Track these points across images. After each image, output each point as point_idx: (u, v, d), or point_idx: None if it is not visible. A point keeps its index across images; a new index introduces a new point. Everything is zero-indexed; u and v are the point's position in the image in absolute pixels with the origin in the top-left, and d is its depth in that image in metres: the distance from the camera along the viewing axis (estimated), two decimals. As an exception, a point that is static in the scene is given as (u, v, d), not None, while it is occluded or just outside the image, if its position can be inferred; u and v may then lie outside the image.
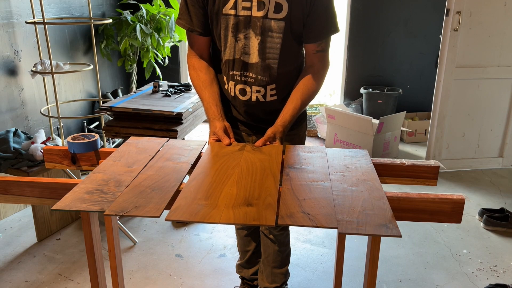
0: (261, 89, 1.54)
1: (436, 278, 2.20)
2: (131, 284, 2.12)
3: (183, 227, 2.63)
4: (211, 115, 1.52)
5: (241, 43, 1.47)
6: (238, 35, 1.47)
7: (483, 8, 3.12)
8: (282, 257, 1.86)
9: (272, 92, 1.55)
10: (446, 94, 3.27)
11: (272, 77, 1.52)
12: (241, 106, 1.59)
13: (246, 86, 1.54)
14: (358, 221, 1.00)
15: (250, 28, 1.45)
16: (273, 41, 1.46)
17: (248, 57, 1.49)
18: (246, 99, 1.56)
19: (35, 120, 3.06)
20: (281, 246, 1.83)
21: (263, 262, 1.90)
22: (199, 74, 1.57)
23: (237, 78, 1.54)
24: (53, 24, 3.15)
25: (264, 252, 1.88)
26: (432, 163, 1.37)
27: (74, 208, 1.02)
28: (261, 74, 1.51)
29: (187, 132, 2.49)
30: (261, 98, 1.55)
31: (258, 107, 1.58)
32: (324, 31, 1.49)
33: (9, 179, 1.25)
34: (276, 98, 1.57)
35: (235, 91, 1.57)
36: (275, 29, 1.44)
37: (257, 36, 1.46)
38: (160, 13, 3.70)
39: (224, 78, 1.59)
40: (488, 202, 2.97)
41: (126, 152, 1.40)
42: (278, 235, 1.81)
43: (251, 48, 1.47)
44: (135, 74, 4.04)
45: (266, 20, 1.43)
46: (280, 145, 1.45)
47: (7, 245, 2.45)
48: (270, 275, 1.89)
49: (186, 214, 1.01)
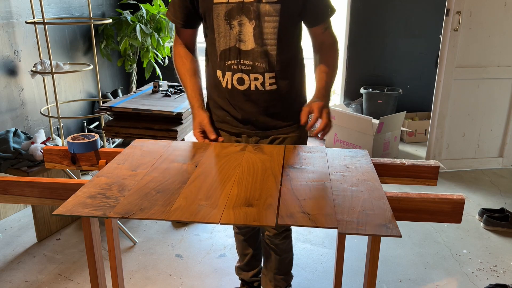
0: (259, 76, 1.49)
1: (436, 278, 2.20)
2: (131, 284, 2.12)
3: (183, 227, 2.63)
4: (195, 102, 1.57)
5: (235, 30, 1.45)
6: (232, 22, 1.44)
7: (483, 8, 3.12)
8: (284, 264, 1.84)
9: (271, 80, 1.51)
10: (446, 94, 3.27)
11: (270, 65, 1.48)
12: (240, 98, 1.54)
13: (243, 75, 1.49)
14: (358, 221, 1.00)
15: (244, 14, 1.42)
16: (270, 26, 1.43)
17: (244, 44, 1.46)
18: (244, 89, 1.51)
19: (35, 120, 3.06)
20: (282, 254, 1.81)
21: (265, 267, 1.88)
22: (184, 62, 1.60)
23: (233, 67, 1.49)
24: (53, 24, 3.15)
25: (266, 259, 1.86)
26: (432, 163, 1.37)
27: (76, 214, 1.01)
28: (258, 60, 1.47)
29: (187, 132, 2.49)
30: (260, 86, 1.50)
31: (258, 96, 1.53)
32: (328, 10, 1.52)
33: (9, 179, 1.25)
34: (276, 88, 1.53)
35: (232, 82, 1.51)
36: (271, 12, 1.41)
37: (252, 21, 1.43)
38: (160, 13, 3.70)
39: (219, 74, 1.54)
40: (488, 202, 2.97)
41: (131, 155, 1.39)
42: (280, 244, 1.78)
43: (246, 34, 1.44)
44: (135, 74, 4.04)
45: (260, 4, 1.40)
46: (281, 145, 1.45)
47: (7, 245, 2.44)
48: (273, 280, 1.87)
49: (186, 214, 1.01)
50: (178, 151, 1.42)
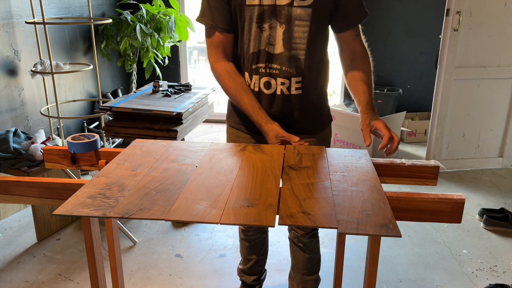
0: (285, 81, 1.48)
1: (436, 278, 2.20)
2: (131, 284, 2.12)
3: (183, 227, 2.63)
4: (261, 119, 1.46)
5: (266, 34, 1.43)
6: (263, 26, 1.42)
7: (483, 8, 3.12)
8: (312, 264, 1.81)
9: (297, 85, 1.49)
10: (446, 94, 3.27)
11: (298, 69, 1.46)
12: (266, 102, 1.52)
13: (270, 79, 1.48)
14: (358, 221, 1.00)
15: (275, 17, 1.40)
16: (300, 30, 1.41)
17: (273, 48, 1.44)
18: (270, 93, 1.50)
19: (35, 120, 3.06)
20: (311, 253, 1.78)
21: (293, 269, 1.86)
22: (234, 78, 1.49)
23: (261, 70, 1.48)
24: (53, 24, 3.15)
25: (293, 259, 1.84)
26: (432, 163, 1.37)
27: (76, 214, 1.01)
28: (286, 65, 1.45)
29: (187, 132, 2.49)
30: (286, 90, 1.49)
31: (283, 101, 1.51)
32: (360, 14, 1.47)
33: (9, 179, 1.25)
34: (301, 92, 1.50)
35: (259, 86, 1.50)
36: (302, 16, 1.39)
37: (282, 25, 1.41)
38: (160, 13, 3.70)
39: (247, 76, 1.52)
40: (488, 202, 2.97)
41: (131, 155, 1.39)
42: (308, 243, 1.76)
43: (276, 38, 1.42)
44: (135, 74, 4.04)
45: (291, 8, 1.38)
46: (282, 145, 1.45)
47: (7, 245, 2.44)
48: (300, 282, 1.85)
49: (186, 214, 1.01)
50: (178, 151, 1.42)
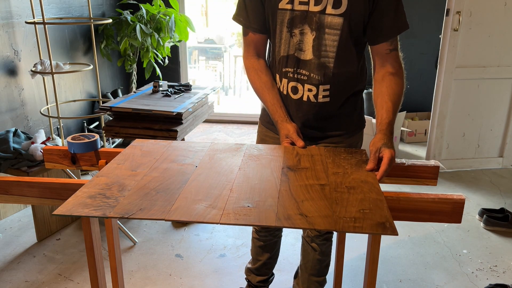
0: (313, 88, 1.46)
1: (436, 278, 2.20)
2: (131, 284, 2.12)
3: (183, 227, 2.63)
4: (278, 117, 1.48)
5: (296, 39, 1.43)
6: (293, 31, 1.42)
7: (483, 8, 3.12)
8: (321, 266, 1.81)
9: (325, 93, 1.47)
10: (446, 94, 3.27)
11: (326, 77, 1.44)
12: (293, 106, 1.52)
13: (298, 84, 1.48)
14: (355, 220, 1.00)
15: (306, 23, 1.40)
16: (330, 39, 1.39)
17: (302, 54, 1.43)
18: (297, 98, 1.50)
19: (35, 120, 3.06)
20: (322, 255, 1.78)
21: (301, 267, 1.86)
22: (260, 75, 1.52)
23: (290, 75, 1.48)
24: (53, 24, 3.15)
25: (303, 258, 1.84)
26: (432, 163, 1.37)
27: (76, 214, 1.01)
28: (315, 72, 1.44)
29: (187, 132, 2.49)
30: (313, 98, 1.48)
31: (309, 108, 1.50)
32: (396, 26, 1.40)
33: (9, 179, 1.25)
34: (329, 100, 1.48)
35: (287, 89, 1.50)
36: (333, 25, 1.37)
37: (313, 32, 1.40)
38: (160, 13, 3.70)
39: (277, 78, 1.53)
40: (488, 202, 2.97)
41: (131, 155, 1.39)
42: (321, 245, 1.75)
43: (305, 44, 1.42)
44: (135, 74, 4.04)
45: (323, 16, 1.37)
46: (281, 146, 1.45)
47: (7, 245, 2.45)
48: (306, 282, 1.84)
49: (186, 214, 1.01)
50: (178, 151, 1.42)
